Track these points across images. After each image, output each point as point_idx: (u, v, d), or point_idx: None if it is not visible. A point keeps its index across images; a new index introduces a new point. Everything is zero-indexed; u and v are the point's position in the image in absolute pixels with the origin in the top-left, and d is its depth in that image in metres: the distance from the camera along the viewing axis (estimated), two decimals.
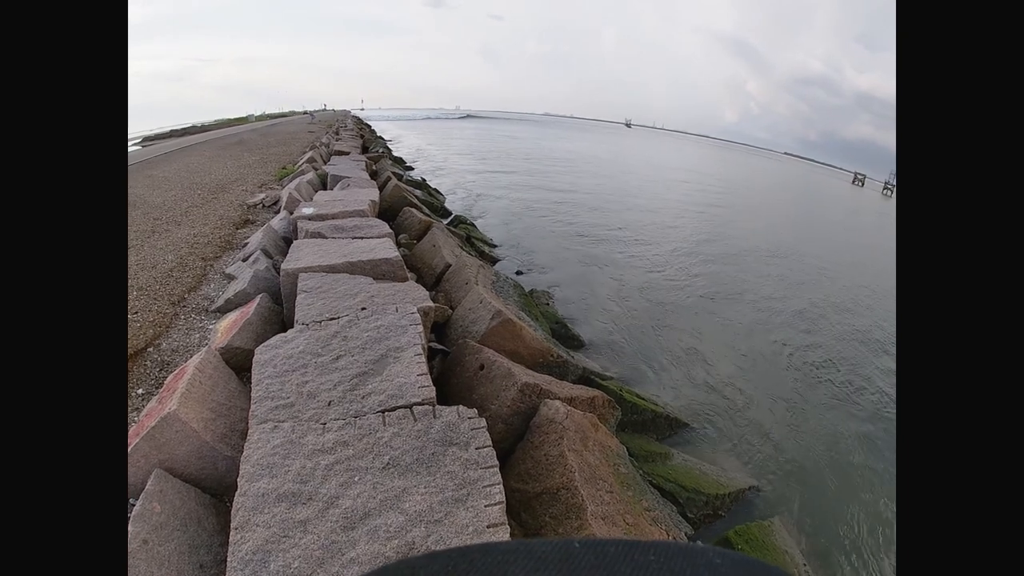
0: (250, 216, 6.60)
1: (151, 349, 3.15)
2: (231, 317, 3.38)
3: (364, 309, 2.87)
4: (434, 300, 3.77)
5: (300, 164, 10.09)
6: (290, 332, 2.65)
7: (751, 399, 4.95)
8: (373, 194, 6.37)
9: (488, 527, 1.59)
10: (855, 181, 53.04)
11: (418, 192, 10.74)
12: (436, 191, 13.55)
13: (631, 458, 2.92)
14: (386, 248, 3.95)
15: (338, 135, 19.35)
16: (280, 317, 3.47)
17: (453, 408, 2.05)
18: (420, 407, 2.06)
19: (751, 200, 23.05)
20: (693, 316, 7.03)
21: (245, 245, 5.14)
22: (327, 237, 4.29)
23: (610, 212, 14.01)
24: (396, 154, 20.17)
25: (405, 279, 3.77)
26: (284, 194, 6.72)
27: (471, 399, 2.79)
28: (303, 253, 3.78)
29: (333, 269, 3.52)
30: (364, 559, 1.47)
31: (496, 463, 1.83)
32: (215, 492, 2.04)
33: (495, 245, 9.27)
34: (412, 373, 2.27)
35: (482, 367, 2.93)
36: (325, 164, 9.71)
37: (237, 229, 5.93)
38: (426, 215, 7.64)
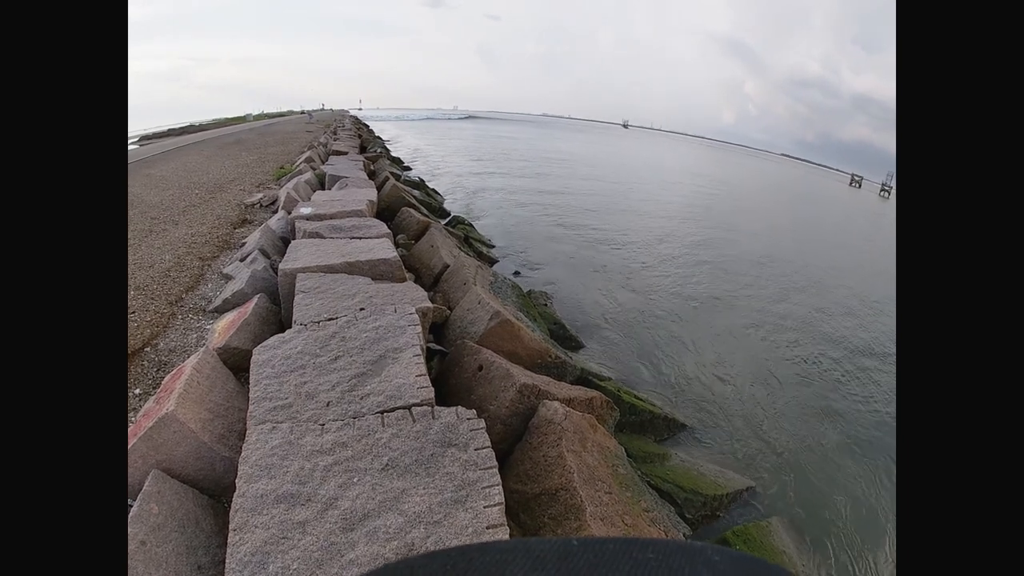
0: (248, 216, 6.58)
1: (148, 349, 3.13)
2: (229, 317, 3.37)
3: (362, 309, 2.87)
4: (432, 301, 3.77)
5: (298, 164, 10.07)
6: (288, 332, 2.64)
7: (749, 400, 4.96)
8: (371, 194, 6.36)
9: (487, 528, 1.59)
10: (852, 183, 53.26)
11: (416, 192, 10.72)
12: (434, 191, 13.54)
13: (629, 459, 2.92)
14: (384, 248, 3.94)
15: (336, 135, 19.29)
16: (278, 317, 3.46)
17: (452, 409, 2.04)
18: (419, 408, 2.06)
19: (750, 203, 23.10)
20: (691, 318, 7.04)
21: (243, 245, 5.12)
22: (325, 237, 4.28)
23: (608, 213, 14.02)
24: (394, 154, 20.15)
25: (403, 279, 3.77)
26: (282, 194, 6.70)
27: (470, 400, 2.79)
28: (301, 253, 3.77)
29: (331, 269, 3.52)
30: (363, 560, 1.46)
31: (495, 464, 1.83)
32: (213, 493, 2.03)
33: (493, 245, 9.26)
34: (411, 374, 2.26)
35: (481, 368, 2.93)
36: (323, 164, 9.68)
37: (235, 229, 5.91)
38: (424, 215, 7.64)
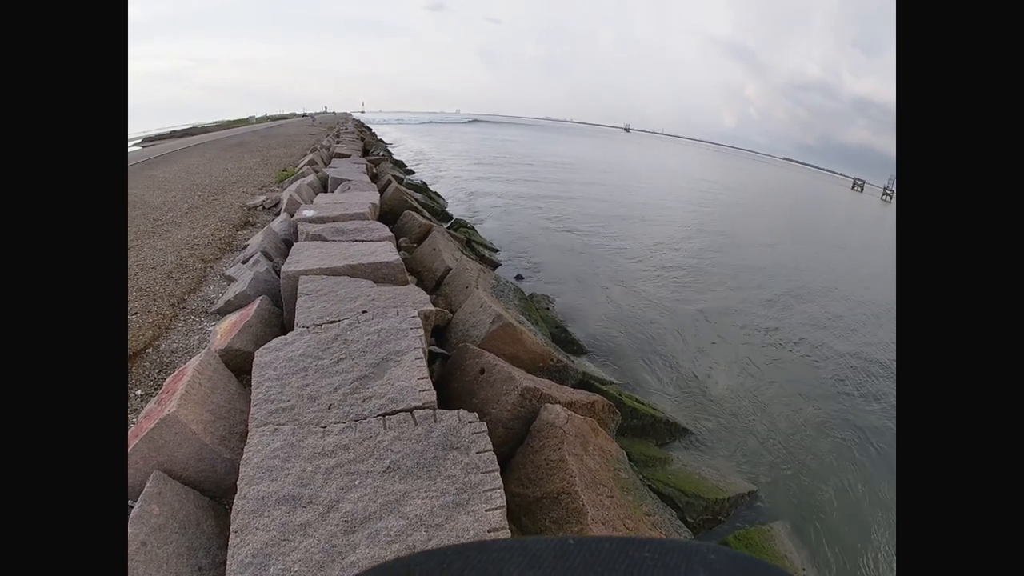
0: (250, 218, 6.60)
1: (150, 350, 3.14)
2: (231, 319, 3.38)
3: (365, 312, 2.87)
4: (434, 304, 3.77)
5: (301, 166, 10.11)
6: (290, 335, 2.65)
7: (750, 405, 4.95)
8: (374, 197, 6.38)
9: (489, 531, 1.59)
10: (855, 187, 53.25)
11: (418, 195, 10.74)
12: (436, 195, 13.57)
13: (631, 463, 2.91)
14: (387, 251, 3.94)
15: (339, 138, 19.37)
16: (280, 319, 3.47)
17: (454, 412, 2.04)
18: (421, 411, 2.06)
19: (756, 208, 23.10)
20: (693, 322, 7.03)
21: (245, 247, 5.13)
22: (327, 240, 4.28)
23: (610, 218, 14.04)
24: (397, 157, 20.21)
25: (405, 282, 3.77)
26: (284, 196, 6.72)
27: (471, 403, 2.79)
28: (303, 256, 3.78)
29: (333, 272, 3.52)
30: (364, 563, 1.46)
31: (497, 467, 1.83)
32: (214, 495, 2.03)
33: (496, 249, 9.28)
34: (413, 377, 2.26)
35: (482, 371, 2.93)
36: (326, 166, 9.72)
37: (237, 231, 5.93)
38: (427, 218, 7.65)
